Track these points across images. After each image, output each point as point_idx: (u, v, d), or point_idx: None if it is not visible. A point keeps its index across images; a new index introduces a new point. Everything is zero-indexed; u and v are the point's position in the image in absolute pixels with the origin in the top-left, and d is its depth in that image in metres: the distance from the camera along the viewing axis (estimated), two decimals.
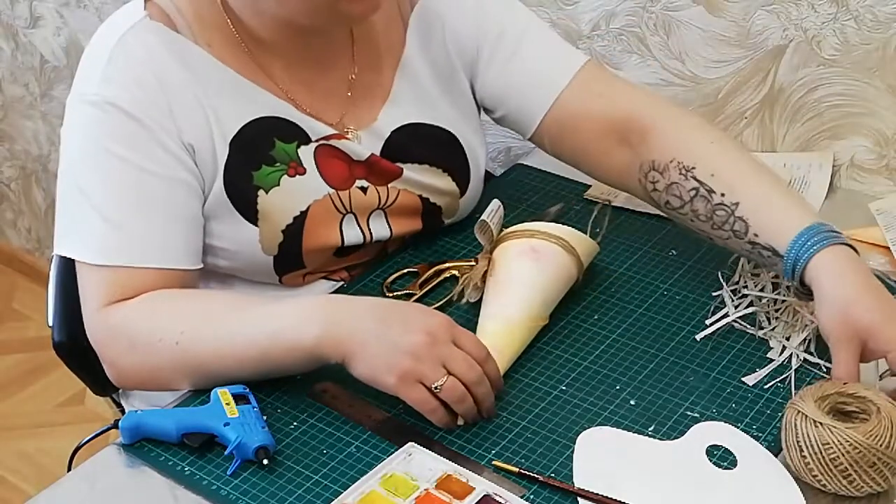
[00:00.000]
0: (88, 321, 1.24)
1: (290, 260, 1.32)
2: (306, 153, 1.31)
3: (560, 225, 1.30)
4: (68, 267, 1.46)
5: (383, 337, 1.11)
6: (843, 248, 1.17)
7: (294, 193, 1.30)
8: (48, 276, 1.52)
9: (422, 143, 1.38)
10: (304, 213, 1.30)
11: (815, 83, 1.58)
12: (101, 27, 1.29)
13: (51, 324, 1.50)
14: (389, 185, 1.36)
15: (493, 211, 1.29)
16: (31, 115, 2.71)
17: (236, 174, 1.28)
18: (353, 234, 1.34)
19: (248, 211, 1.28)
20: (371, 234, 1.36)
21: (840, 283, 1.14)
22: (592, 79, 1.39)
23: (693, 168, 1.27)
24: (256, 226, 1.29)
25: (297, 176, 1.30)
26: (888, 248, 1.39)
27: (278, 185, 1.29)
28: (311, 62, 1.32)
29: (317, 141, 1.32)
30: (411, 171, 1.37)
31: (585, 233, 1.32)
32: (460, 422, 1.13)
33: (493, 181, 1.60)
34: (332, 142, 1.32)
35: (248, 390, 1.15)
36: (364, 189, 1.34)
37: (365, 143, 1.34)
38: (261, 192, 1.28)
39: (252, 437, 1.08)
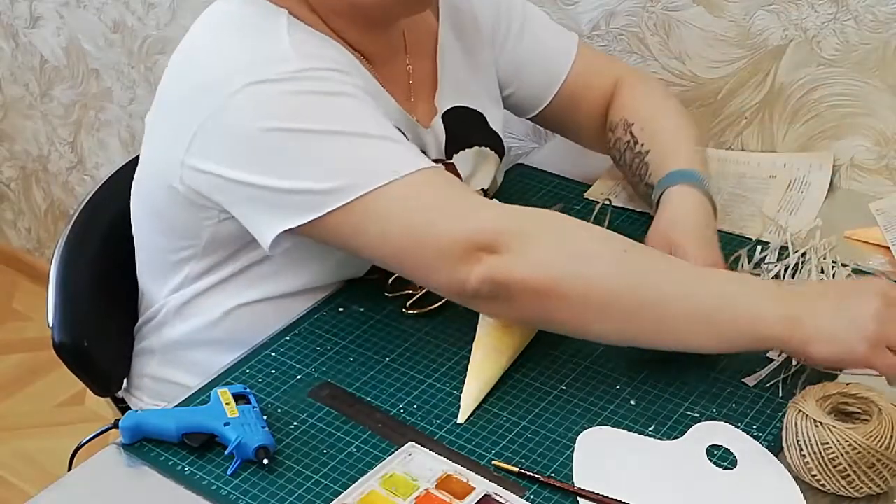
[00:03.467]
0: (468, 217, 1.13)
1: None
2: None
3: None
4: (68, 267, 1.46)
5: (838, 313, 1.08)
6: (699, 193, 1.30)
7: None
8: (48, 276, 1.52)
9: (465, 127, 1.40)
10: None
11: (815, 83, 1.58)
12: (215, 33, 1.22)
13: (51, 324, 1.50)
14: None
15: None
16: (31, 115, 2.71)
17: None
18: None
19: None
20: None
21: (678, 208, 1.29)
22: (589, 48, 1.55)
23: (633, 125, 1.42)
24: None
25: None
26: (888, 248, 1.39)
27: None
28: (380, 61, 1.31)
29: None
30: (463, 164, 1.38)
31: None
32: None
33: None
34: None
35: (248, 390, 1.15)
36: None
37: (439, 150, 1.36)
38: None
39: (252, 437, 1.08)
